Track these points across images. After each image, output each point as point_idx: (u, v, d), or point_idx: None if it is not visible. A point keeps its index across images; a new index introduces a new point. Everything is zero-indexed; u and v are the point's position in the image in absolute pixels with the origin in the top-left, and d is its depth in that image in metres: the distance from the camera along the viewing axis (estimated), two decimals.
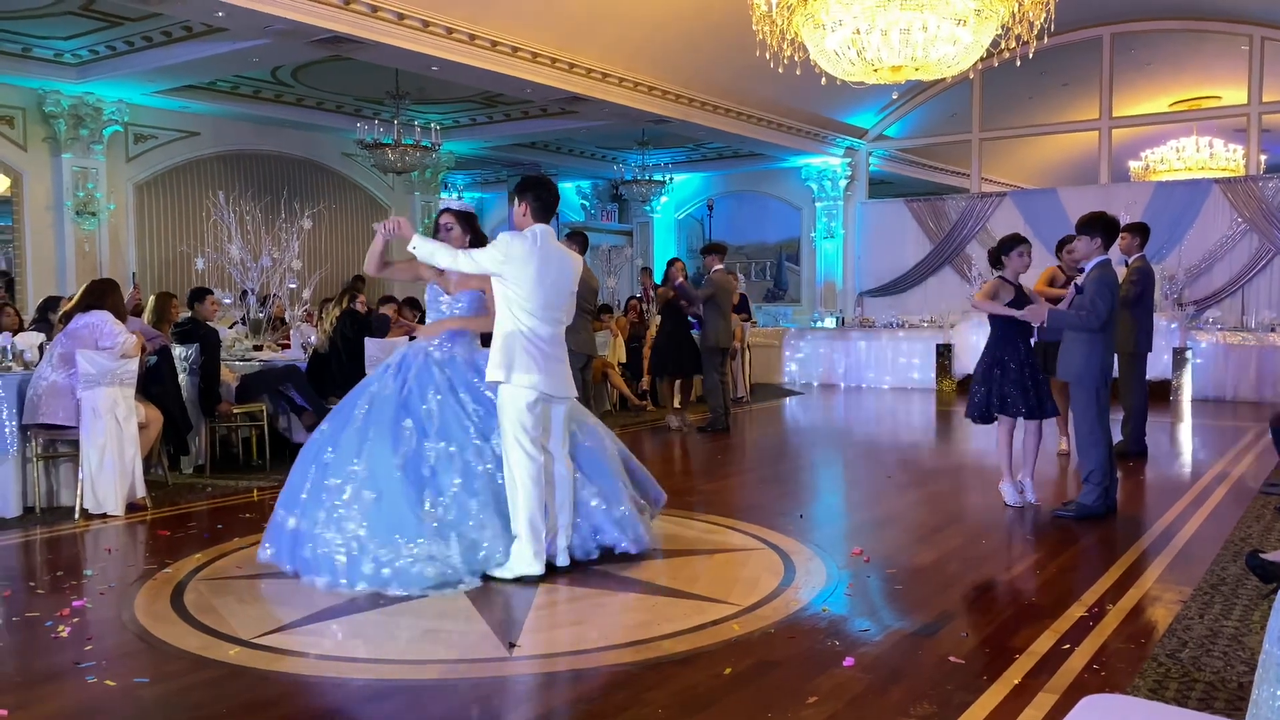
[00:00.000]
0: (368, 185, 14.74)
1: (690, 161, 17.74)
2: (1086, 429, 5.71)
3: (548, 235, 4.61)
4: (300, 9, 8.47)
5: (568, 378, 4.66)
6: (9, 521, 5.89)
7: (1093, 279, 5.59)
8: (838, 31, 8.44)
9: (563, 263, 4.66)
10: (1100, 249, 5.69)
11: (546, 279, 4.53)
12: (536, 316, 4.49)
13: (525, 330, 4.47)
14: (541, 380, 4.47)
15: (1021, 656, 3.57)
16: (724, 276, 9.79)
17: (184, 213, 12.50)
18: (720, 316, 9.63)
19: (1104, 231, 5.70)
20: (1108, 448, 5.75)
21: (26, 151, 11.05)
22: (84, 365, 5.95)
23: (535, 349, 4.47)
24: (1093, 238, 5.69)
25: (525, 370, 4.43)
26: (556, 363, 4.57)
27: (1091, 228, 5.71)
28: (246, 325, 9.20)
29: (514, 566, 4.46)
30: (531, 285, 4.47)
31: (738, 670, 3.46)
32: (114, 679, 3.42)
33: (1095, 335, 5.62)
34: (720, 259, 9.82)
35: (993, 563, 5.03)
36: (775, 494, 6.87)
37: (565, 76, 11.21)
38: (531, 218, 4.61)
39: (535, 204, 4.61)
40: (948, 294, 15.23)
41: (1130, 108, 15.46)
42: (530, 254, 4.48)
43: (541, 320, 4.51)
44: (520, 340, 4.46)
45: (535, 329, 4.49)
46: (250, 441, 8.14)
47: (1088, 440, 5.71)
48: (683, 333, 10.04)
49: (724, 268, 9.85)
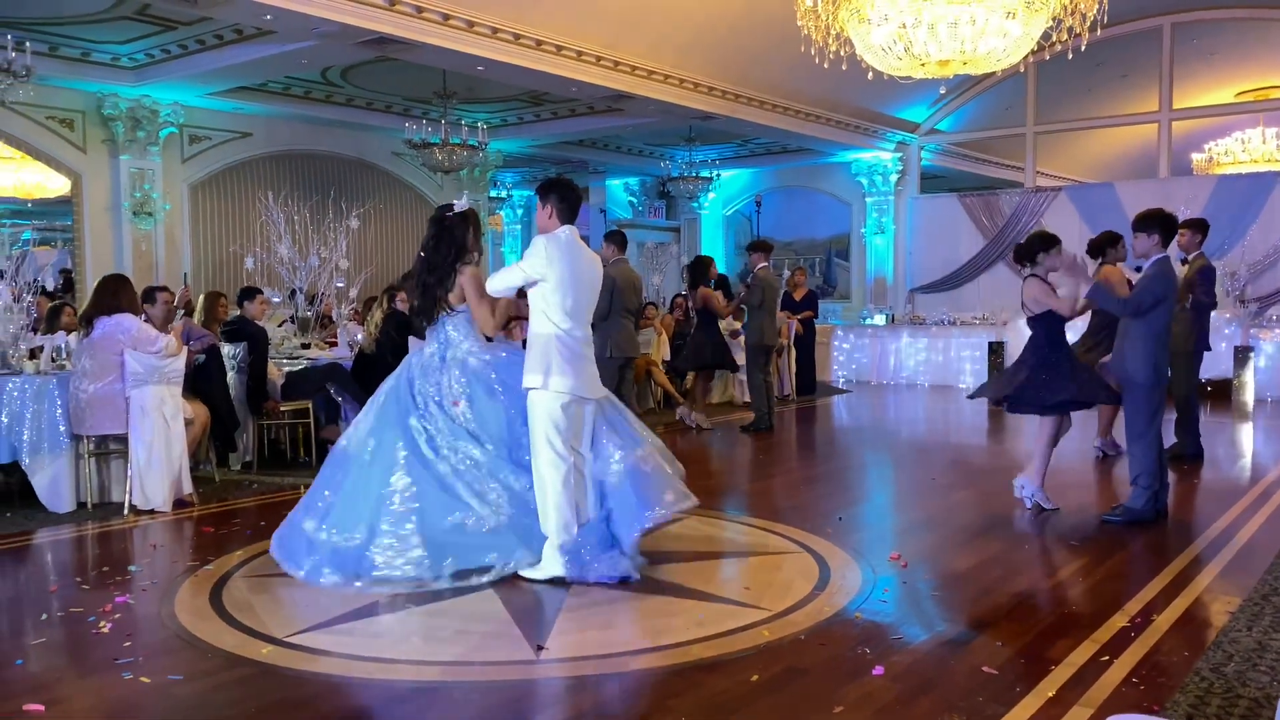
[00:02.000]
0: (417, 184, 14.88)
1: (738, 157, 17.63)
2: (1138, 431, 5.57)
3: (574, 236, 4.65)
4: (346, 11, 8.56)
5: (597, 377, 4.68)
6: (62, 517, 6.05)
7: (1150, 276, 5.46)
8: (883, 26, 8.31)
9: (591, 263, 4.72)
10: (1159, 246, 5.55)
11: (579, 280, 4.58)
12: (571, 318, 4.53)
13: (561, 333, 4.50)
14: (575, 384, 4.49)
15: (1058, 668, 3.48)
16: (770, 275, 9.70)
17: (236, 212, 12.72)
18: (766, 315, 9.56)
19: (1162, 228, 5.56)
20: (1158, 450, 5.60)
21: (86, 153, 11.33)
22: (131, 364, 6.07)
23: (569, 350, 4.50)
24: (1150, 234, 5.55)
25: (561, 374, 4.45)
26: (588, 363, 4.60)
27: (1149, 224, 5.57)
28: (295, 324, 9.34)
29: (546, 568, 4.47)
30: (566, 287, 4.51)
31: (765, 677, 3.42)
32: (149, 675, 3.48)
33: (1149, 334, 5.47)
34: (766, 257, 9.74)
35: (1035, 569, 4.92)
36: (815, 495, 6.80)
37: (610, 74, 11.20)
38: (558, 219, 4.64)
39: (560, 205, 4.64)
40: (1001, 290, 14.95)
41: (1192, 99, 15.03)
42: (564, 256, 4.52)
43: (575, 321, 4.55)
44: (555, 344, 4.48)
45: (570, 330, 4.53)
46: (297, 439, 8.26)
47: (1138, 442, 5.56)
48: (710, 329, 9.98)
49: (769, 265, 9.77)
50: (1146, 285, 5.47)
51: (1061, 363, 5.80)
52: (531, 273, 4.51)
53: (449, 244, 4.73)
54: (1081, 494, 6.54)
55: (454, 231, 4.75)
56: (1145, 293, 5.45)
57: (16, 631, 4.11)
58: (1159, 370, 5.49)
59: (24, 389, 6.14)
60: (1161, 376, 5.51)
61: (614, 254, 8.39)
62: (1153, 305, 5.43)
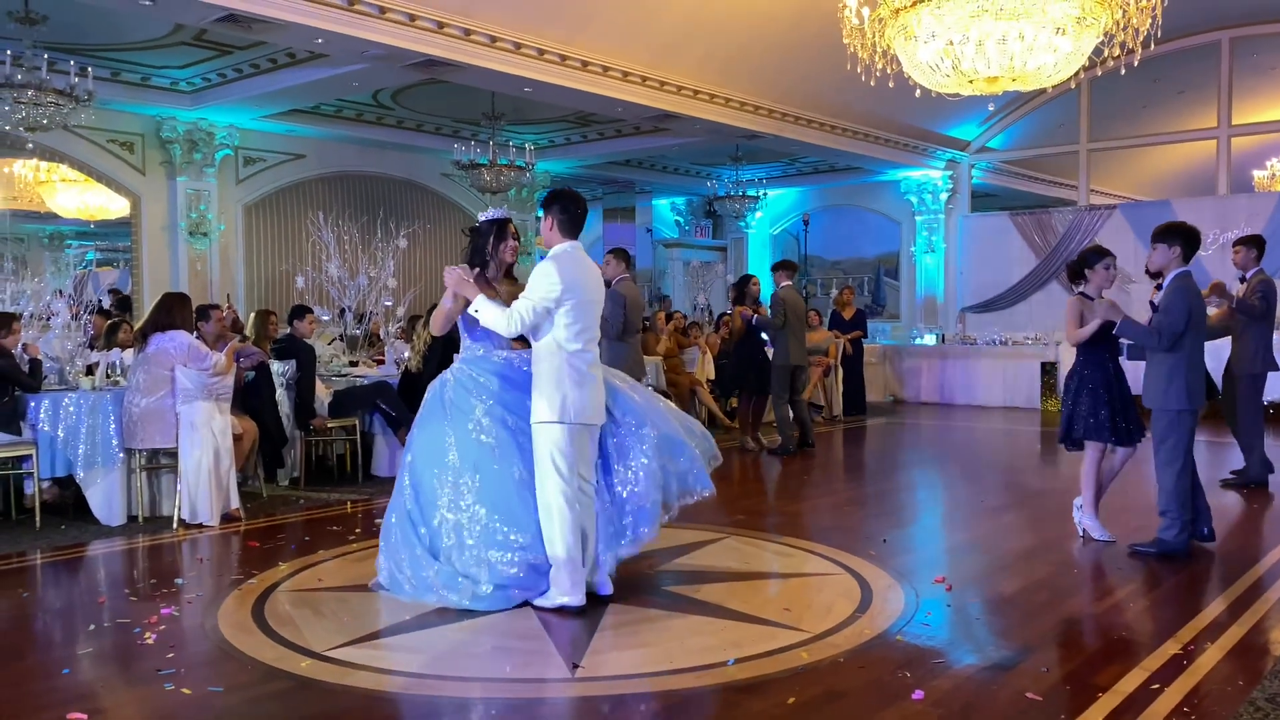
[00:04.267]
0: (465, 204, 15.03)
1: (785, 176, 17.58)
2: (1165, 458, 5.28)
3: (578, 251, 4.47)
4: (395, 34, 8.70)
5: (603, 399, 4.49)
6: (114, 530, 6.17)
7: (1170, 292, 5.25)
8: (931, 43, 8.24)
9: (596, 279, 4.57)
10: (1180, 260, 5.30)
11: (587, 300, 4.40)
12: (576, 340, 4.35)
13: (569, 354, 4.32)
14: (585, 410, 4.33)
15: (1105, 695, 3.37)
16: (793, 294, 9.51)
17: (288, 232, 12.94)
18: (791, 335, 9.38)
19: (1184, 241, 5.28)
20: (1188, 479, 5.31)
21: (145, 175, 11.62)
22: (182, 380, 6.19)
23: (578, 374, 4.32)
24: (1171, 246, 5.29)
25: (573, 403, 4.30)
26: (596, 385, 4.42)
27: (1170, 235, 5.30)
28: (344, 342, 9.48)
29: (553, 596, 4.35)
30: (575, 309, 4.33)
31: (802, 700, 3.36)
32: (190, 687, 3.52)
33: (1176, 356, 5.22)
34: (789, 275, 9.56)
35: (1084, 594, 4.80)
36: (860, 516, 6.70)
37: (656, 94, 11.24)
38: (558, 231, 4.46)
39: (562, 217, 4.45)
40: (1054, 310, 14.63)
41: (1252, 115, 14.68)
42: (571, 275, 4.33)
43: (583, 344, 4.38)
44: (566, 371, 4.30)
45: (579, 351, 4.35)
46: (344, 455, 8.36)
47: (1166, 471, 5.28)
48: (754, 350, 9.85)
49: (792, 284, 9.61)
50: (1170, 309, 5.18)
51: (1097, 389, 5.58)
52: (542, 302, 4.28)
53: (474, 252, 4.74)
54: (1142, 518, 6.35)
55: (477, 240, 4.75)
56: (1174, 320, 5.16)
57: (66, 641, 4.19)
58: (1191, 394, 5.22)
59: (79, 404, 6.29)
60: (1194, 400, 5.24)
61: (620, 271, 7.98)
62: (1181, 332, 5.18)
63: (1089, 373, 5.56)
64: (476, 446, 4.43)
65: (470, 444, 4.44)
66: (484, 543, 4.36)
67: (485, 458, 4.42)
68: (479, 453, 4.43)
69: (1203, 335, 5.41)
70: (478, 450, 4.43)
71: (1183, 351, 5.23)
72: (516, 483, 4.40)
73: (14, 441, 6.18)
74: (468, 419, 4.46)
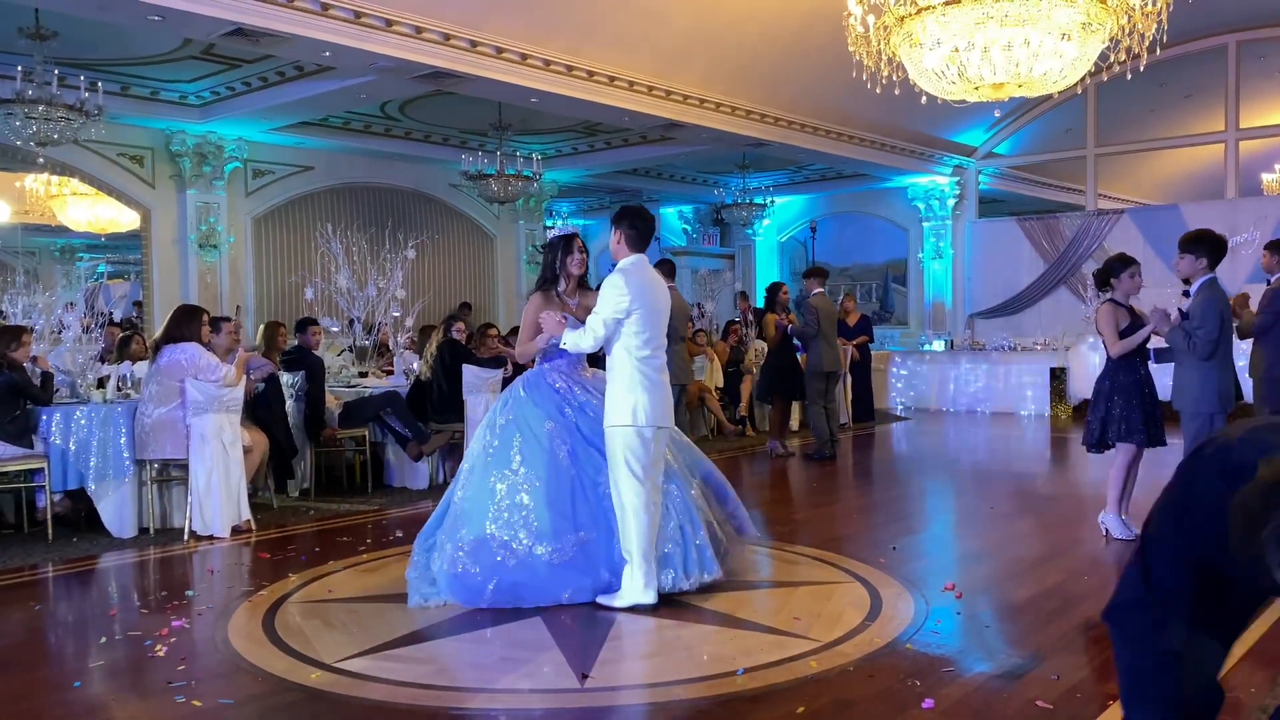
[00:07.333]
0: (474, 215, 15.09)
1: (792, 184, 17.58)
2: None
3: (644, 263, 4.71)
4: (402, 46, 8.74)
5: (671, 404, 4.76)
6: (125, 542, 6.19)
7: (1200, 301, 5.28)
8: (936, 50, 8.25)
9: (662, 290, 4.80)
10: (1206, 269, 5.35)
11: (655, 308, 4.65)
12: (645, 347, 4.59)
13: (639, 362, 4.56)
14: (656, 414, 4.56)
15: (1116, 704, 3.36)
16: (825, 301, 9.65)
17: (297, 244, 13.00)
18: (824, 341, 9.50)
19: (1210, 250, 5.36)
20: None
21: (155, 188, 11.69)
22: (192, 393, 6.23)
23: (649, 380, 4.57)
24: (1198, 257, 5.35)
25: (644, 408, 4.53)
26: (663, 389, 4.65)
27: (1196, 246, 5.37)
28: (353, 353, 9.51)
29: (626, 595, 4.48)
30: (644, 317, 4.58)
31: (810, 709, 3.36)
32: (200, 699, 3.54)
33: (1209, 362, 5.29)
34: (820, 283, 9.71)
35: (1095, 601, 4.76)
36: (869, 524, 6.69)
37: (662, 104, 11.27)
38: (627, 246, 4.70)
39: (630, 232, 4.70)
40: (1063, 315, 14.67)
41: (1261, 118, 14.64)
42: (639, 286, 4.59)
43: (652, 349, 4.62)
44: (638, 378, 4.55)
45: (649, 358, 4.60)
46: (354, 466, 8.38)
47: None
48: (787, 357, 9.95)
49: (824, 291, 9.71)
50: (1206, 319, 5.22)
51: (1130, 393, 5.60)
52: (613, 315, 4.55)
53: (543, 268, 5.10)
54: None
55: (545, 257, 5.09)
56: (1209, 329, 5.21)
57: (78, 654, 4.21)
58: (1222, 398, 5.28)
59: (91, 417, 6.32)
60: (1226, 404, 5.29)
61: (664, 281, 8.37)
62: (1218, 339, 5.24)
63: (1122, 377, 5.60)
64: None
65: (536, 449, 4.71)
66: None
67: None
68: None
69: (1231, 340, 5.44)
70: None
71: (1214, 356, 5.28)
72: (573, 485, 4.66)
73: (26, 455, 6.21)
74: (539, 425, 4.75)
